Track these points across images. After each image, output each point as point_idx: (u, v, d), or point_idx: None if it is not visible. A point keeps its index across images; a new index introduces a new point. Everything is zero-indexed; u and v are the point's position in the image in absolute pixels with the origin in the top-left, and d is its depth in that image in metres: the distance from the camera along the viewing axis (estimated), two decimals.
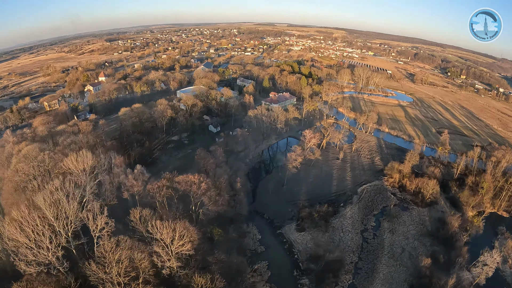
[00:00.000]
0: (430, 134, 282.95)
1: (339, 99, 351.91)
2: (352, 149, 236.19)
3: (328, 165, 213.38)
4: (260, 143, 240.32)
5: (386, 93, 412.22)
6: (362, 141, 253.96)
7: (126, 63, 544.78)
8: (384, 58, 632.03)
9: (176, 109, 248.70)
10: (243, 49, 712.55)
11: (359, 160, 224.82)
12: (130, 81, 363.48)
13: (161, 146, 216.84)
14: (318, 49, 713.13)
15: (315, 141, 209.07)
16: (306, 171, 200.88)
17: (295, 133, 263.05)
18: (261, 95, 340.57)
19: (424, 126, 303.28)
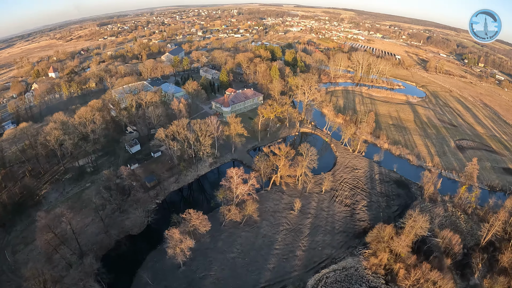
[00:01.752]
0: (448, 151, 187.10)
1: (323, 95, 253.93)
2: (323, 188, 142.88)
3: (271, 224, 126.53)
4: (176, 177, 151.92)
5: (392, 85, 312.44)
6: (344, 169, 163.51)
7: (100, 51, 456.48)
8: (394, 41, 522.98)
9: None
10: (235, 31, 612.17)
11: (330, 210, 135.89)
12: (71, 79, 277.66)
13: (58, 175, 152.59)
14: (319, 31, 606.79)
15: (254, 181, 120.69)
16: (230, 237, 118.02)
17: (243, 155, 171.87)
18: (220, 92, 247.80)
19: (439, 136, 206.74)
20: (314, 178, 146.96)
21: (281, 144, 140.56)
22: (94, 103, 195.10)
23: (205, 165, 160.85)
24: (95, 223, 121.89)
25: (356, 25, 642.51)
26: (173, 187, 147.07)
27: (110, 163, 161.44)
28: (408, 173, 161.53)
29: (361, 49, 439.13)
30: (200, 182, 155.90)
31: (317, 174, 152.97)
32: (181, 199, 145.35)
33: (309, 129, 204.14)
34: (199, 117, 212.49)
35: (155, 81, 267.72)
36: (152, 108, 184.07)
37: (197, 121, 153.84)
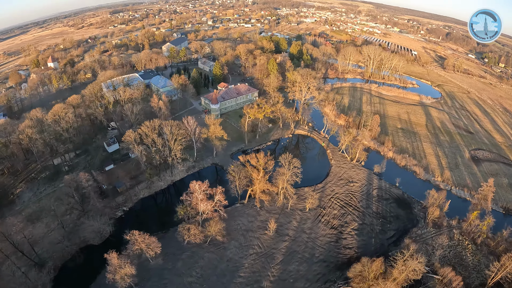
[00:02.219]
0: (461, 163, 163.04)
1: (324, 93, 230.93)
2: (307, 205, 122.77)
3: (240, 246, 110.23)
4: (148, 182, 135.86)
5: (405, 83, 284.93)
6: (337, 181, 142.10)
7: (107, 40, 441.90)
8: (411, 36, 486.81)
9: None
10: (246, 21, 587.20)
11: (312, 232, 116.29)
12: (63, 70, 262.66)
13: (34, 174, 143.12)
14: (334, 22, 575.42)
15: (221, 197, 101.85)
16: (191, 258, 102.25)
17: (225, 159, 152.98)
18: (215, 86, 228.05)
19: (452, 145, 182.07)
20: (300, 191, 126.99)
21: (259, 153, 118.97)
22: (73, 99, 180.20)
23: (181, 170, 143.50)
24: (60, 229, 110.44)
25: (373, 18, 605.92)
26: (144, 193, 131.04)
27: (86, 162, 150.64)
28: (412, 189, 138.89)
29: (376, 42, 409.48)
30: (175, 188, 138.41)
31: (304, 186, 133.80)
32: (149, 207, 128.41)
33: (305, 131, 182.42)
34: (187, 113, 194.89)
35: (147, 74, 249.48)
36: (130, 105, 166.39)
37: (169, 123, 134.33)
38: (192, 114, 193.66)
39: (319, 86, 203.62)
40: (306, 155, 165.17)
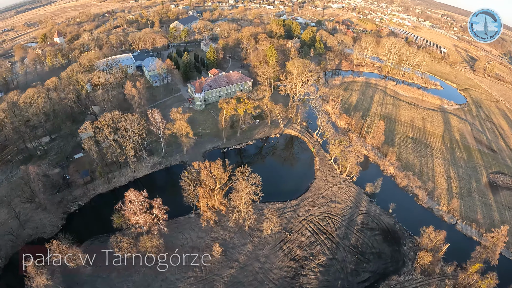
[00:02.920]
0: (475, 189, 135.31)
1: (333, 87, 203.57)
2: (266, 227, 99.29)
3: (180, 265, 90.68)
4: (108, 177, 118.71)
5: (427, 84, 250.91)
6: (318, 198, 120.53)
7: (124, 15, 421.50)
8: (443, 32, 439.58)
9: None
10: (269, 2, 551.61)
11: (267, 262, 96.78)
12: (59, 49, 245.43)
13: (10, 156, 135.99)
14: (363, 10, 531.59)
15: (160, 211, 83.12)
16: (126, 270, 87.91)
17: (196, 157, 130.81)
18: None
19: (469, 164, 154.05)
20: (268, 206, 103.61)
21: (216, 162, 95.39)
22: (50, 82, 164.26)
23: (145, 166, 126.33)
24: (15, 219, 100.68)
25: (405, 9, 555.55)
26: (102, 188, 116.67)
27: (59, 148, 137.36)
28: (408, 218, 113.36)
29: (403, 35, 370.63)
30: (136, 185, 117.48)
31: (277, 201, 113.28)
32: (103, 205, 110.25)
33: (295, 132, 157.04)
34: (171, 101, 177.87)
35: (143, 54, 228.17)
36: (101, 92, 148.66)
37: (123, 117, 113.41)
38: (176, 102, 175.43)
39: (320, 80, 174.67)
40: (289, 161, 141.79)
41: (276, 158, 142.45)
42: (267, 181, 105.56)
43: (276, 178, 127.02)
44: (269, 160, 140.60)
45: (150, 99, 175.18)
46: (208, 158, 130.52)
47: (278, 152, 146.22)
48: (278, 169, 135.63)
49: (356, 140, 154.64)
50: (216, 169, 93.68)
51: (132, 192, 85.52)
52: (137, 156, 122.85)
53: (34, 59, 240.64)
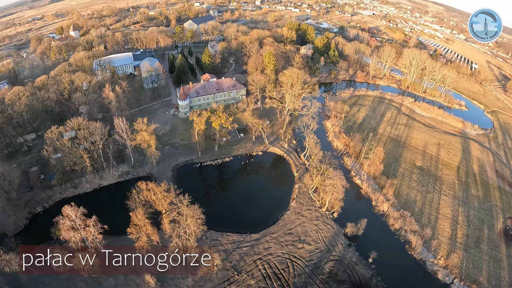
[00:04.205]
0: (485, 239, 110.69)
1: (341, 101, 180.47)
2: (204, 265, 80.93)
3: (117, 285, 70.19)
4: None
5: (451, 103, 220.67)
6: (284, 234, 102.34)
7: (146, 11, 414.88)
8: (477, 47, 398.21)
9: None
10: (297, 5, 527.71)
11: None
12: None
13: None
14: (394, 19, 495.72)
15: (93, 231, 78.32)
16: (63, 282, 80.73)
17: (165, 170, 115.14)
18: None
19: (484, 205, 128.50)
20: (224, 238, 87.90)
21: (161, 184, 78.84)
22: (40, 80, 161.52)
23: (113, 174, 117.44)
24: None
25: (439, 20, 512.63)
26: (69, 193, 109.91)
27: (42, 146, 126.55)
28: (391, 272, 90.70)
29: (432, 47, 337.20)
30: (97, 194, 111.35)
31: (237, 232, 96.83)
32: None
33: (281, 151, 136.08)
34: (159, 106, 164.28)
35: (144, 54, 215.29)
36: (79, 95, 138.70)
37: (85, 124, 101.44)
38: (163, 107, 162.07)
39: (315, 94, 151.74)
40: (265, 185, 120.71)
41: (251, 180, 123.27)
42: (233, 206, 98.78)
43: (244, 204, 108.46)
44: (241, 181, 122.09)
45: (136, 103, 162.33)
46: (178, 173, 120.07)
47: (255, 173, 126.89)
48: (250, 193, 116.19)
49: (350, 167, 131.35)
50: (159, 193, 76.99)
51: (69, 208, 76.52)
52: (95, 166, 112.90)
53: (41, 53, 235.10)
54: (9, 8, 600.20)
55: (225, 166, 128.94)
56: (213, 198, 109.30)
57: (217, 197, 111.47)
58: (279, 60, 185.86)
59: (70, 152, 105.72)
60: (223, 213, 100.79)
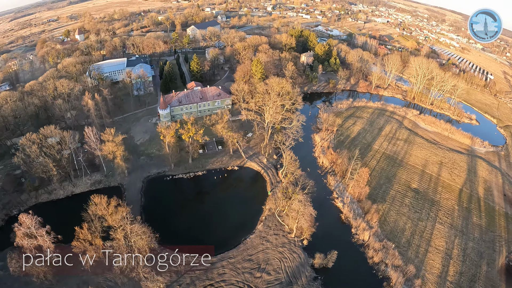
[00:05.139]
0: (482, 277, 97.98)
1: (335, 113, 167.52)
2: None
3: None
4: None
5: (460, 116, 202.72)
6: (243, 260, 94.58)
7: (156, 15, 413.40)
8: (494, 56, 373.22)
9: None
10: (309, 12, 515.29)
11: None
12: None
13: None
14: (408, 27, 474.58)
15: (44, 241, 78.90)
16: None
17: (135, 181, 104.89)
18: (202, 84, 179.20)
19: (486, 236, 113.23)
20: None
21: (111, 199, 72.98)
22: (30, 85, 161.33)
23: (85, 182, 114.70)
24: None
25: (456, 29, 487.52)
26: (43, 198, 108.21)
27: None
28: None
29: (445, 56, 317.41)
30: (69, 201, 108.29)
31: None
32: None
33: (259, 167, 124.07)
34: (143, 113, 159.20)
35: (138, 60, 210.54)
36: (60, 102, 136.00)
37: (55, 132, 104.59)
38: (147, 115, 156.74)
39: (297, 106, 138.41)
40: (233, 204, 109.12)
41: (220, 197, 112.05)
42: (197, 224, 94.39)
43: (209, 222, 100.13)
44: (210, 198, 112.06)
45: (120, 111, 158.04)
46: (148, 185, 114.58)
47: (227, 189, 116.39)
48: (217, 211, 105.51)
49: (333, 187, 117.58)
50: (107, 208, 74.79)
51: (24, 216, 75.96)
52: (61, 174, 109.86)
53: (42, 56, 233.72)
54: (29, 8, 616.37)
55: (196, 180, 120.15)
56: (178, 214, 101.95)
57: (182, 213, 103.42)
58: (270, 68, 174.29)
59: (35, 160, 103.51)
60: (185, 230, 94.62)
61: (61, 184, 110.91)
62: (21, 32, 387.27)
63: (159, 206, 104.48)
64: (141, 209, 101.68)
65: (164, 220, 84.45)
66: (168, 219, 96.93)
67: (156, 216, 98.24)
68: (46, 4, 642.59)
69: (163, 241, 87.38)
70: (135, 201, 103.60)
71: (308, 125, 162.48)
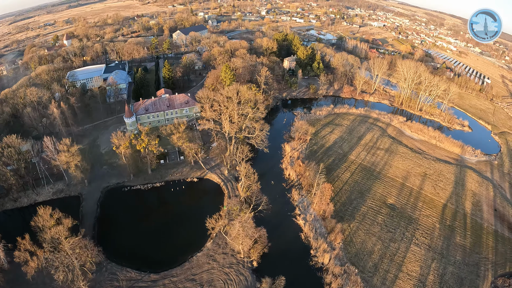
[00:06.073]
0: None
1: (311, 121, 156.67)
2: None
3: None
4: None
5: (451, 122, 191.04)
6: (186, 280, 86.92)
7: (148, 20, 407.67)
8: (492, 60, 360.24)
9: None
10: (304, 15, 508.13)
11: None
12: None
13: None
14: (405, 31, 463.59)
15: None
16: None
17: (95, 191, 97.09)
18: (178, 90, 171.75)
19: (470, 257, 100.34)
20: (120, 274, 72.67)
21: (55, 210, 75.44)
22: (5, 92, 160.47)
23: (48, 191, 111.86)
24: None
25: (455, 33, 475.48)
26: (8, 205, 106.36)
27: None
28: None
29: (440, 59, 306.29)
30: (32, 209, 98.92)
31: (137, 269, 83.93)
32: None
33: (219, 178, 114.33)
34: (113, 121, 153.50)
35: (117, 66, 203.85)
36: (29, 110, 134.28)
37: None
38: (117, 123, 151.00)
39: (259, 115, 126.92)
40: (187, 218, 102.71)
41: (174, 211, 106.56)
42: (146, 239, 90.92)
43: (159, 237, 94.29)
44: (164, 211, 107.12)
45: (89, 119, 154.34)
46: (106, 195, 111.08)
47: (183, 203, 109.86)
48: (169, 225, 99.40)
49: (297, 202, 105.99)
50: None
51: None
52: (20, 182, 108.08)
53: (26, 62, 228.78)
54: (30, 11, 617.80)
55: (154, 192, 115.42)
56: (129, 227, 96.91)
57: (133, 226, 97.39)
58: (244, 74, 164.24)
59: None
60: (134, 245, 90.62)
61: (25, 193, 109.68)
62: (18, 36, 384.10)
63: (112, 218, 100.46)
64: (95, 221, 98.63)
65: (115, 233, 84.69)
66: (119, 232, 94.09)
67: (107, 228, 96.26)
68: (46, 8, 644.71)
69: (110, 255, 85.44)
70: (91, 212, 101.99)
71: (281, 134, 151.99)
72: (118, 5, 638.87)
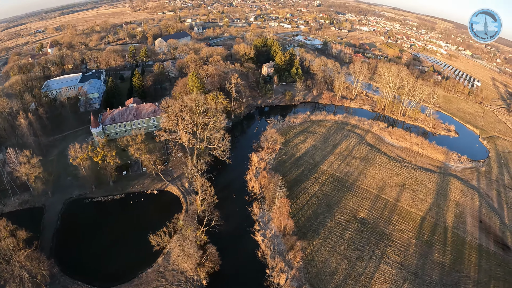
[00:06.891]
0: None
1: (284, 128, 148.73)
2: None
3: None
4: None
5: (436, 127, 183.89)
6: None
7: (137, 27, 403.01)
8: (483, 63, 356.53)
9: None
10: (293, 21, 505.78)
11: None
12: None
13: None
14: (394, 35, 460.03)
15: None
16: None
17: (58, 203, 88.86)
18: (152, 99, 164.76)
19: (449, 276, 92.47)
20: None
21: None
22: None
23: (14, 202, 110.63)
24: None
25: (446, 37, 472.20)
26: None
27: None
28: None
29: (429, 63, 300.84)
30: None
31: (87, 283, 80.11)
32: None
33: (179, 191, 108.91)
34: (82, 132, 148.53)
35: (93, 75, 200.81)
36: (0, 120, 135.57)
37: None
38: (86, 133, 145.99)
39: (219, 124, 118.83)
40: (142, 233, 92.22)
41: (130, 224, 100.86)
42: (100, 252, 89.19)
43: (112, 251, 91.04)
44: (120, 224, 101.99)
45: (58, 129, 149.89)
46: (68, 207, 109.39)
47: (140, 216, 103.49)
48: (123, 239, 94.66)
49: (257, 217, 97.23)
50: None
51: None
52: None
53: (7, 71, 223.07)
54: (23, 18, 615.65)
55: (113, 204, 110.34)
56: (85, 240, 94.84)
57: (89, 239, 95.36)
58: (215, 82, 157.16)
59: None
60: (88, 258, 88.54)
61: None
62: (7, 43, 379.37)
63: (71, 230, 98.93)
64: (55, 232, 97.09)
65: (72, 245, 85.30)
66: (76, 244, 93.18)
67: (66, 240, 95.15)
68: (39, 14, 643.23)
69: (64, 267, 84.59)
70: (51, 224, 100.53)
71: (251, 144, 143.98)
72: (109, 12, 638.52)
